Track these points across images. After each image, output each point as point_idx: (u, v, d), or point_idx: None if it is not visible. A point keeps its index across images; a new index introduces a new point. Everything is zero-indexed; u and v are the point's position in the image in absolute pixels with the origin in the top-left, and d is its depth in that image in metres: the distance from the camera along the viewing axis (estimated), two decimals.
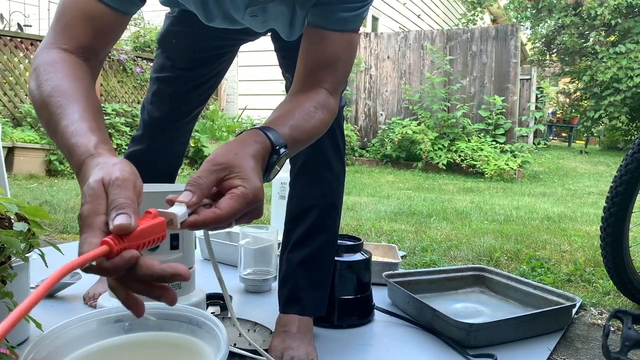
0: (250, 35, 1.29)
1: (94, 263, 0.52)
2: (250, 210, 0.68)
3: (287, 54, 1.28)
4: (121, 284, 0.57)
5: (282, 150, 0.78)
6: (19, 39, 5.19)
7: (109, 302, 1.13)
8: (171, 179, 1.50)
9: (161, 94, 1.36)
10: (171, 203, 0.64)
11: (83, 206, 0.57)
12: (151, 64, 6.44)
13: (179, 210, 0.62)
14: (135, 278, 0.56)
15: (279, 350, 1.14)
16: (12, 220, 1.07)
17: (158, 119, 1.38)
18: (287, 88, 1.29)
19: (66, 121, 0.70)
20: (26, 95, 5.17)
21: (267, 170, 0.77)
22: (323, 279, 1.26)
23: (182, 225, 0.62)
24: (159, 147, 1.42)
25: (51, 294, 1.53)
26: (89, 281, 1.54)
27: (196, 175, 0.67)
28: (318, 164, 1.22)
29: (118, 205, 0.55)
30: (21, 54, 5.17)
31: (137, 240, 0.56)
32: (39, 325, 1.00)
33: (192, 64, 1.32)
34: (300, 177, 1.26)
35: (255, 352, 1.19)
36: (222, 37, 1.28)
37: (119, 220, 0.54)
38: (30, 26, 8.14)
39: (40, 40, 5.36)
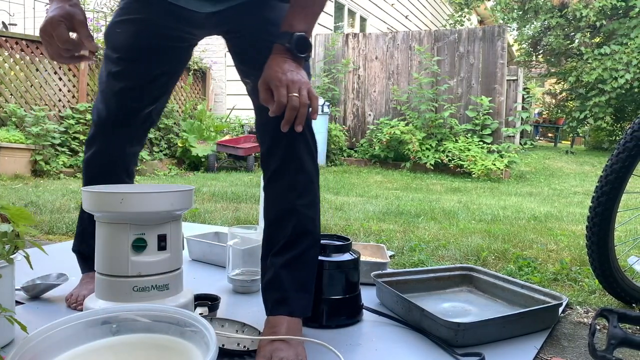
0: (197, 28, 1.30)
1: None
2: (284, 84, 1.05)
3: (244, 58, 1.29)
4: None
5: (295, 35, 1.09)
6: (4, 38, 5.13)
7: (95, 304, 1.12)
8: (130, 179, 1.48)
9: (109, 91, 1.35)
10: None
11: None
12: None
13: None
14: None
15: (268, 352, 1.14)
16: None
17: (107, 117, 1.36)
18: (249, 93, 1.29)
19: None
20: (11, 94, 5.11)
21: (299, 51, 1.10)
22: (308, 281, 1.25)
23: None
24: (112, 147, 1.39)
25: (37, 295, 1.52)
26: (75, 283, 1.52)
27: None
28: (292, 167, 1.22)
29: None
30: (6, 53, 5.10)
31: None
32: (24, 328, 0.99)
33: (137, 54, 1.30)
34: (274, 182, 1.24)
35: (244, 352, 1.18)
36: (167, 26, 1.28)
37: None
38: (15, 25, 8.05)
39: (25, 40, 5.30)
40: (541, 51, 11.80)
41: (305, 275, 1.25)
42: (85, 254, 1.49)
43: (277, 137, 1.19)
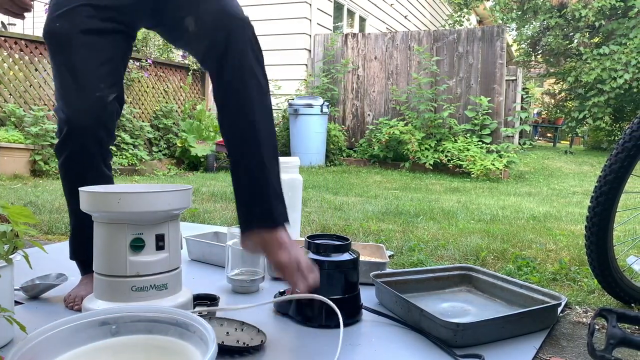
0: (128, 14, 1.38)
1: None
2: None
3: (174, 36, 1.45)
4: None
5: None
6: (3, 38, 5.12)
7: (94, 304, 1.12)
8: (110, 171, 1.46)
9: (67, 84, 1.34)
10: None
11: None
12: (137, 64, 6.40)
13: None
14: None
15: (293, 261, 1.27)
16: None
17: (73, 113, 1.33)
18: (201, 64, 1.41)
19: None
20: (10, 94, 5.10)
21: None
22: (280, 189, 1.36)
23: None
24: (86, 143, 1.36)
25: (36, 295, 1.51)
26: (74, 283, 1.52)
27: None
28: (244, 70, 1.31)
29: None
30: (5, 53, 5.10)
31: None
32: (23, 328, 0.99)
33: (81, 39, 1.32)
34: (225, 99, 1.34)
35: (243, 349, 1.18)
36: (100, 6, 1.34)
37: None
38: (15, 25, 8.04)
39: (24, 39, 5.29)
40: (540, 51, 11.81)
41: (277, 186, 1.35)
42: (84, 262, 1.49)
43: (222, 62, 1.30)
